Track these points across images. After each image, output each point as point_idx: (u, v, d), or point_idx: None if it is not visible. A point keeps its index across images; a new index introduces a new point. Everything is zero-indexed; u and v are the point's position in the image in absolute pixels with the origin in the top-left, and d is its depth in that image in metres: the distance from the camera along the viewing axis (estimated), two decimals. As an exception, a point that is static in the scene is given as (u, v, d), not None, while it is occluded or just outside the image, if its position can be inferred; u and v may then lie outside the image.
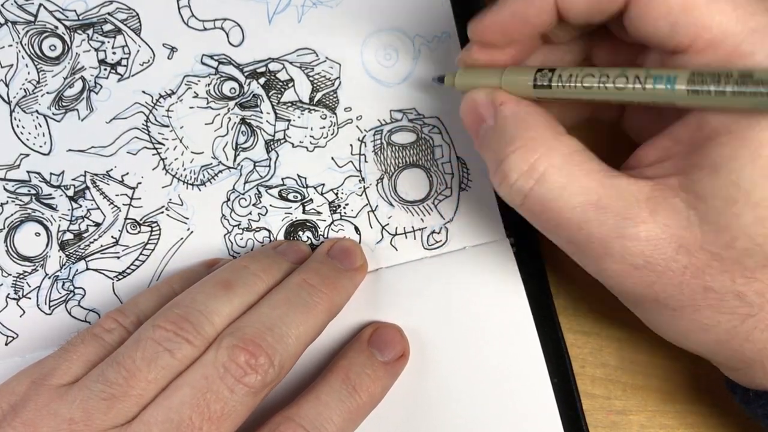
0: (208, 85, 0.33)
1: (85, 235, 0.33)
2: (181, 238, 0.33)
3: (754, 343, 0.24)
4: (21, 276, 0.33)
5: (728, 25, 0.22)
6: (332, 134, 0.34)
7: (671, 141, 0.25)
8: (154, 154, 0.33)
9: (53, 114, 0.33)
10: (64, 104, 0.33)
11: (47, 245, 0.33)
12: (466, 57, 0.28)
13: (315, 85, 0.34)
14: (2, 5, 0.33)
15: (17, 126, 0.33)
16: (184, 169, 0.33)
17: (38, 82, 0.33)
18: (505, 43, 0.27)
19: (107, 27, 0.33)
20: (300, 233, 0.33)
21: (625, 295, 0.27)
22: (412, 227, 0.33)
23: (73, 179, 0.33)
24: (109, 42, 0.33)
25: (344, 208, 0.33)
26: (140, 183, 0.33)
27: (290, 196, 0.33)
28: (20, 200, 0.33)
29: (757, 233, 0.23)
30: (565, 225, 0.25)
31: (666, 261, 0.24)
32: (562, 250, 0.27)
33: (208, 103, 0.33)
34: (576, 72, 0.25)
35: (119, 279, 0.33)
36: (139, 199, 0.33)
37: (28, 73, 0.33)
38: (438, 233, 0.33)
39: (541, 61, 0.28)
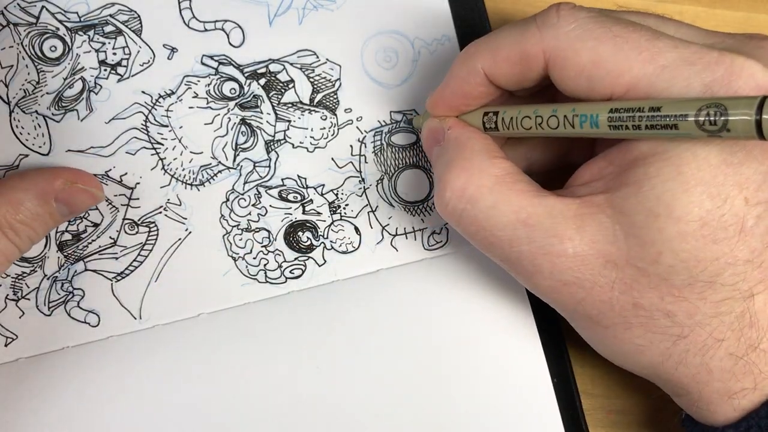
0: (208, 85, 0.33)
1: (83, 235, 0.33)
2: (180, 239, 0.33)
3: (688, 368, 0.24)
4: (20, 277, 0.33)
5: (638, 69, 0.23)
6: (332, 135, 0.34)
7: (605, 162, 0.25)
8: (152, 154, 0.33)
9: (53, 114, 0.33)
10: (63, 105, 0.33)
11: (46, 246, 0.33)
12: (431, 110, 0.30)
13: (315, 87, 0.34)
14: (5, 8, 0.33)
15: (16, 126, 0.33)
16: (183, 169, 0.33)
17: (38, 83, 0.33)
18: (458, 112, 0.29)
19: (108, 28, 0.33)
20: (300, 234, 0.33)
21: (561, 312, 0.27)
22: (413, 228, 0.34)
23: (73, 179, 0.33)
24: (109, 43, 0.33)
25: (344, 208, 0.33)
26: (139, 183, 0.33)
27: (290, 197, 0.33)
28: (19, 200, 0.33)
29: (681, 249, 0.23)
30: (497, 244, 0.26)
31: (594, 276, 0.24)
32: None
33: (207, 103, 0.33)
34: (515, 115, 0.26)
35: (118, 280, 0.33)
36: (138, 199, 0.33)
37: (28, 73, 0.33)
38: (438, 234, 0.33)
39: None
